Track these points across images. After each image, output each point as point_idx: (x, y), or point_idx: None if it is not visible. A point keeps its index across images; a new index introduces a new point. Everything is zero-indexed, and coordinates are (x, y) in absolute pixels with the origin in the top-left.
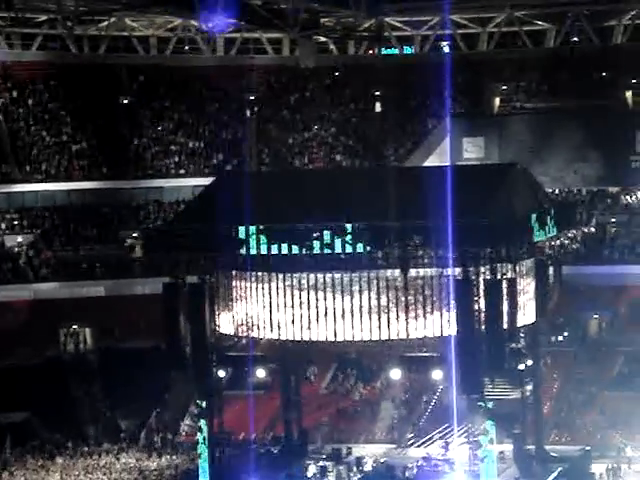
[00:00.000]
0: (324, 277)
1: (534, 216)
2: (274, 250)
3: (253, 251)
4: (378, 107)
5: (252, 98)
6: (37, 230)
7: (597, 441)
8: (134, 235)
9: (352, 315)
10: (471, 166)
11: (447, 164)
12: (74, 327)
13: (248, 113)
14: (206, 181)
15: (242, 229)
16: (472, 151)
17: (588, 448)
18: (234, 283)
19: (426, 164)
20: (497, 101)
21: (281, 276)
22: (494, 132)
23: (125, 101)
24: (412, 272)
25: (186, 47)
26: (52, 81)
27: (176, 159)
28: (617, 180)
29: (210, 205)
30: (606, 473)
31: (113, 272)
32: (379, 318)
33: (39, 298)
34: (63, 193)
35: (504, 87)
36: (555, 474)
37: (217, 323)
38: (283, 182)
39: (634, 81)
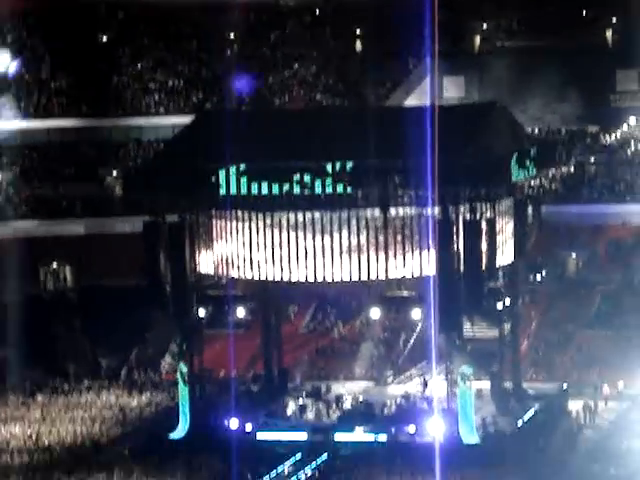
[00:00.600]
0: (304, 217)
1: (514, 156)
2: (254, 190)
3: (233, 190)
4: (359, 46)
5: (232, 36)
6: (16, 168)
7: (574, 379)
8: (114, 174)
9: (332, 255)
10: (451, 105)
11: (427, 103)
12: (54, 265)
13: (228, 51)
14: (186, 120)
15: (222, 168)
16: (452, 90)
17: (565, 386)
18: (214, 222)
19: (406, 103)
20: (478, 40)
21: (261, 216)
22: (474, 71)
23: (104, 39)
24: (392, 212)
25: None
26: (31, 18)
27: (156, 97)
28: (597, 119)
29: (190, 144)
30: (582, 410)
31: (93, 210)
32: (359, 258)
33: (19, 236)
34: (42, 131)
35: (485, 26)
36: (532, 411)
37: (197, 262)
38: (263, 121)
39: (614, 20)
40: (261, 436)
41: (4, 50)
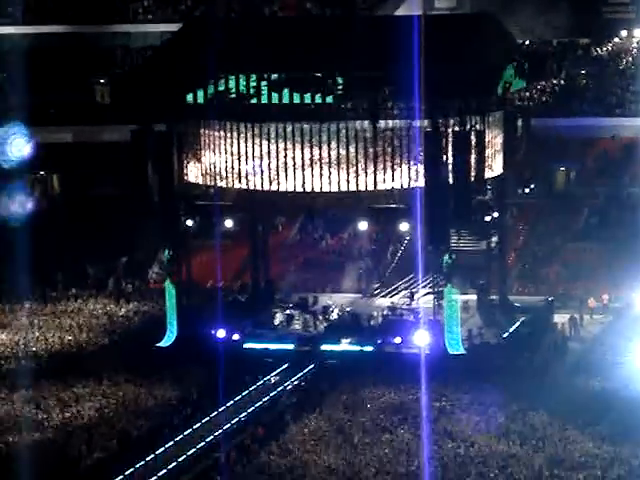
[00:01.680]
0: (292, 127)
1: (504, 67)
2: (243, 99)
3: (221, 100)
4: None
5: None
6: (3, 74)
7: (560, 292)
8: (102, 81)
9: (320, 166)
10: (442, 16)
11: (418, 14)
12: (41, 173)
13: None
14: (174, 27)
15: (210, 77)
16: (443, 1)
17: (551, 299)
18: (202, 132)
19: (397, 14)
20: None
21: (249, 126)
22: None
23: None
24: (381, 123)
25: None
26: None
27: (144, 3)
28: (588, 31)
29: (178, 52)
30: (568, 323)
31: (80, 118)
32: (347, 169)
33: None
34: (29, 37)
35: None
36: (518, 324)
37: (185, 172)
38: (252, 30)
39: None
40: (248, 345)
41: None
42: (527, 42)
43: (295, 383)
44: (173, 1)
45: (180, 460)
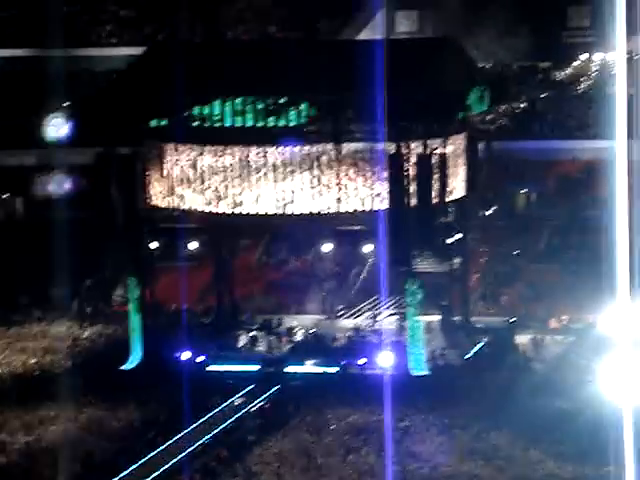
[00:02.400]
0: (257, 150)
1: (466, 91)
2: (206, 123)
3: (185, 123)
4: None
5: None
6: None
7: (522, 313)
8: (66, 104)
9: (284, 188)
10: (404, 39)
11: (380, 37)
12: (6, 195)
13: None
14: (138, 51)
15: (174, 100)
16: (406, 25)
17: (513, 320)
18: (166, 154)
19: (359, 38)
20: None
21: (213, 148)
22: (428, 6)
23: None
24: (344, 146)
25: None
26: None
27: (108, 28)
28: (548, 55)
29: (142, 75)
30: (530, 344)
31: (45, 141)
32: (311, 192)
33: None
34: None
35: None
36: (480, 345)
37: (149, 194)
38: (216, 53)
39: None
40: (212, 368)
41: None
42: (488, 66)
43: (259, 405)
44: (137, 25)
45: None
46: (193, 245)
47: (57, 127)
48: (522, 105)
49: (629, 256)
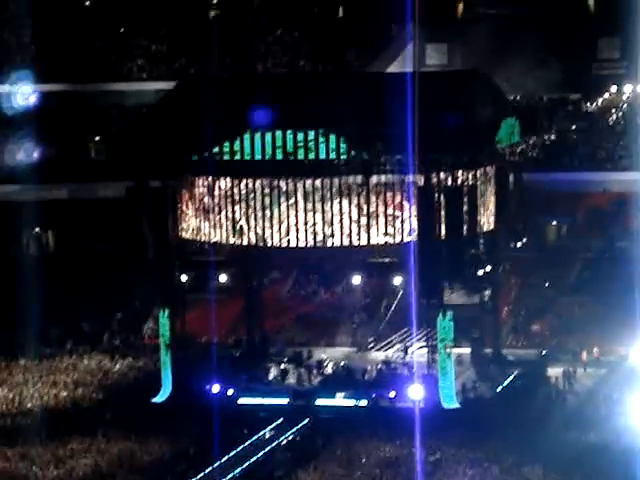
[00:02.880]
0: (286, 183)
1: (495, 123)
2: (236, 155)
3: (215, 156)
4: (341, 12)
5: (215, 1)
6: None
7: (553, 346)
8: (97, 139)
9: (314, 221)
10: (434, 72)
11: (410, 70)
12: (37, 230)
13: (211, 16)
14: (168, 85)
15: (204, 134)
16: (435, 57)
17: (544, 352)
18: (196, 188)
19: (389, 70)
20: (461, 7)
21: (243, 181)
22: (457, 38)
23: (87, 3)
24: (374, 178)
25: None
26: None
27: (138, 62)
28: (578, 87)
29: (173, 109)
30: (562, 377)
31: (76, 175)
32: (341, 224)
33: (1, 200)
34: (24, 96)
35: None
36: (512, 377)
37: (180, 228)
38: (246, 87)
39: None
40: (243, 401)
41: None
42: (518, 98)
43: (290, 438)
44: (167, 59)
45: None
46: (223, 277)
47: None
48: (552, 137)
49: None
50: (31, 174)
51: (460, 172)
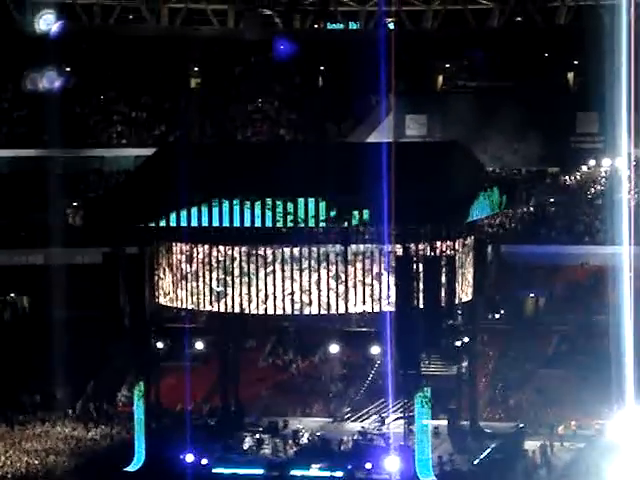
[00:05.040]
0: (264, 251)
1: (474, 194)
2: (215, 222)
3: (193, 223)
4: (321, 82)
5: (196, 69)
6: None
7: (531, 419)
8: (74, 204)
9: (292, 289)
10: (413, 143)
11: (389, 141)
12: (12, 295)
13: (192, 84)
14: (148, 152)
15: (182, 201)
16: (415, 128)
17: (522, 425)
18: (173, 255)
19: (369, 140)
20: (440, 79)
21: (221, 248)
22: (437, 110)
23: (68, 69)
24: (352, 247)
25: (130, 16)
26: None
27: (118, 129)
28: (557, 160)
29: (152, 176)
30: (538, 450)
31: (52, 241)
32: (318, 293)
33: None
34: (3, 160)
35: (447, 65)
36: (489, 450)
37: (156, 294)
38: (225, 155)
39: (576, 62)
40: (217, 470)
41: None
42: (497, 170)
43: None
44: (147, 126)
45: None
46: (199, 345)
47: None
48: (531, 209)
49: (637, 362)
50: (6, 239)
51: (439, 243)
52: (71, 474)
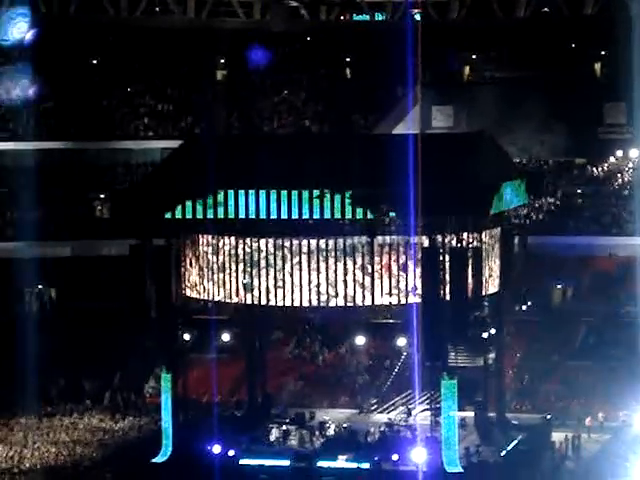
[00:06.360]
0: (291, 242)
1: (500, 185)
2: (241, 214)
3: (220, 215)
4: (348, 73)
5: (222, 61)
6: (4, 190)
7: (558, 410)
8: (102, 196)
9: (318, 281)
10: (439, 134)
11: (415, 132)
12: (39, 287)
13: (218, 76)
14: (175, 144)
15: (209, 192)
16: (441, 120)
17: (549, 417)
18: (200, 247)
19: (395, 132)
20: (467, 70)
21: (247, 240)
22: (463, 101)
23: (94, 61)
24: (378, 239)
25: (157, 8)
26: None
27: (145, 121)
28: (584, 151)
29: (178, 168)
30: (565, 442)
31: (80, 233)
32: (345, 284)
33: (4, 257)
34: (31, 153)
35: (474, 56)
36: (515, 442)
37: (183, 286)
38: (251, 147)
39: (603, 53)
40: (244, 462)
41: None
42: (524, 161)
43: None
44: (174, 119)
45: None
46: (226, 337)
47: None
48: (557, 201)
49: None
50: (34, 231)
51: (465, 234)
52: (99, 465)
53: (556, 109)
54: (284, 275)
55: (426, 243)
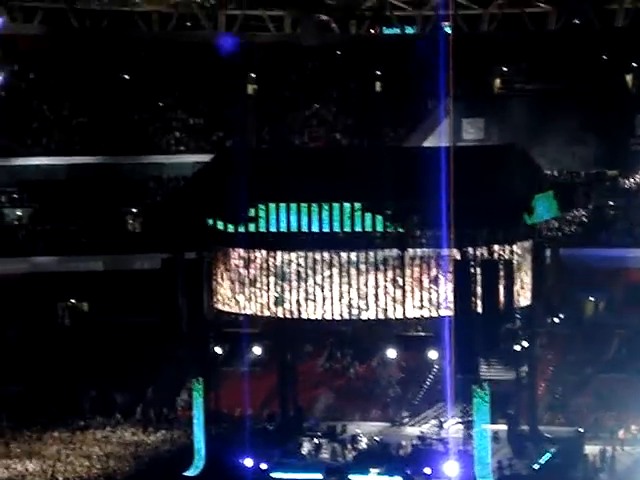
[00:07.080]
0: (322, 255)
1: (532, 198)
2: (272, 227)
3: (251, 228)
4: (378, 86)
5: (253, 75)
6: (37, 204)
7: (590, 423)
8: (134, 211)
9: (349, 294)
10: (470, 147)
11: (446, 145)
12: (72, 301)
13: (249, 90)
14: (206, 158)
15: (240, 206)
16: (472, 132)
17: (581, 430)
18: (231, 260)
19: (425, 144)
20: (497, 82)
21: (279, 254)
22: (494, 113)
23: (126, 76)
24: (410, 252)
25: (188, 23)
26: (54, 55)
27: (176, 135)
28: (616, 163)
29: (209, 182)
30: (598, 455)
31: (112, 247)
32: (376, 297)
33: (37, 271)
34: (63, 167)
35: (505, 68)
36: (548, 455)
37: (215, 299)
38: (283, 160)
39: (634, 64)
40: (276, 475)
41: None
42: (555, 173)
43: None
44: (205, 133)
45: None
46: (257, 350)
47: None
48: (589, 213)
49: None
50: (67, 245)
51: (497, 246)
52: (131, 479)
53: (587, 121)
54: (315, 288)
55: (457, 256)
